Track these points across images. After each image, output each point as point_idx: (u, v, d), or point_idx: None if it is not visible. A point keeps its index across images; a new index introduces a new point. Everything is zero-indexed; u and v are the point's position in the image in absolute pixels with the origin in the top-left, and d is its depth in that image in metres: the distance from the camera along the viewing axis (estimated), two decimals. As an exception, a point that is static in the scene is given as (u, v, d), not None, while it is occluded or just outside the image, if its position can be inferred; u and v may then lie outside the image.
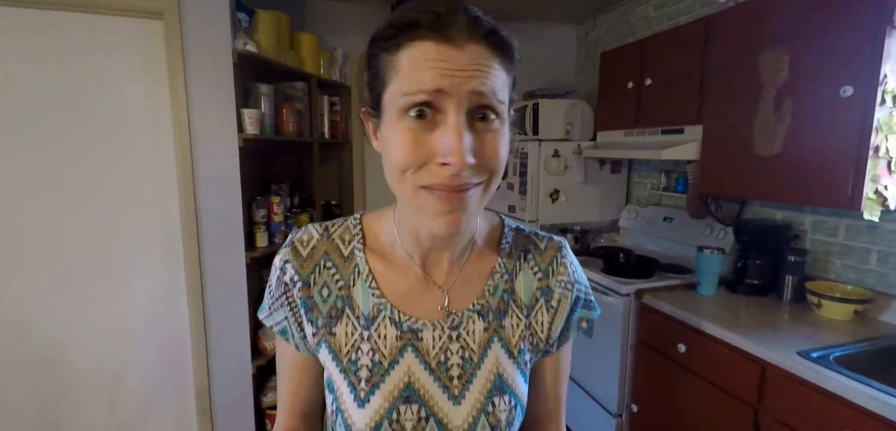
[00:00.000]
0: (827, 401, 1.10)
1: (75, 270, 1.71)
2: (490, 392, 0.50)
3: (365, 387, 0.48)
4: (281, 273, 0.52)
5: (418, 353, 0.50)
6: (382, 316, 0.51)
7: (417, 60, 0.39)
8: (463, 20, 0.40)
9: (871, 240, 1.48)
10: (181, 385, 1.89)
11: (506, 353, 0.52)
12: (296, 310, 0.52)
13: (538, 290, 0.55)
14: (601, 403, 1.88)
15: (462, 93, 0.39)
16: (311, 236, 0.54)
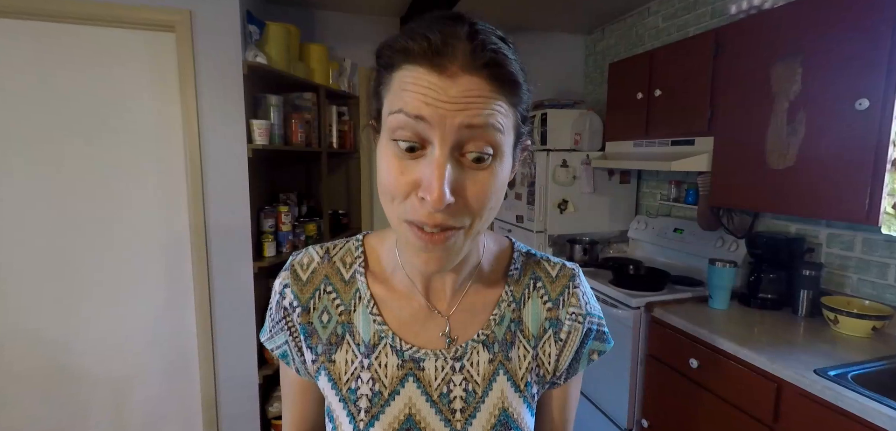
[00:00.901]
0: (846, 422, 1.07)
1: (83, 279, 1.74)
2: (494, 428, 0.48)
3: (364, 418, 0.47)
4: (280, 297, 0.51)
5: (420, 384, 0.48)
6: (383, 344, 0.49)
7: (405, 83, 0.37)
8: (461, 48, 0.36)
9: (889, 254, 1.45)
10: (188, 394, 1.89)
11: (512, 386, 0.49)
12: (295, 335, 0.51)
13: (547, 321, 0.52)
14: (611, 417, 1.85)
15: (448, 126, 0.36)
16: (312, 259, 0.52)
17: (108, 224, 1.73)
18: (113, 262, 1.75)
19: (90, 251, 1.73)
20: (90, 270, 1.74)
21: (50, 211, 1.67)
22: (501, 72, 0.38)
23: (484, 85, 0.37)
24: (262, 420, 1.98)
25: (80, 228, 1.71)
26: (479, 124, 0.37)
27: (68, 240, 1.70)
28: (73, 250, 1.71)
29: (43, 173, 1.65)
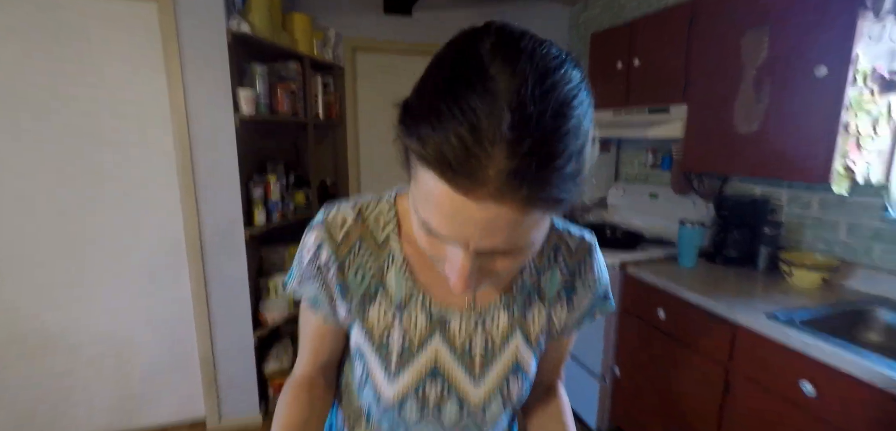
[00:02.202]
0: (788, 356, 1.20)
1: (77, 249, 1.76)
2: (507, 375, 0.54)
3: (395, 366, 0.52)
4: (314, 254, 0.52)
5: (445, 339, 0.53)
6: (414, 303, 0.52)
7: (430, 194, 0.35)
8: (494, 168, 0.31)
9: (841, 213, 1.57)
10: (187, 357, 1.96)
11: (525, 342, 0.55)
12: (329, 290, 0.53)
13: (563, 288, 0.56)
14: (587, 367, 1.99)
15: (473, 244, 0.36)
16: (346, 219, 0.52)
17: (100, 196, 1.75)
18: (105, 232, 1.78)
19: (82, 222, 1.74)
20: (83, 241, 1.76)
21: (40, 186, 1.68)
22: (543, 194, 0.33)
23: (517, 208, 0.33)
24: (259, 378, 2.07)
25: (72, 201, 1.72)
26: (504, 248, 0.36)
27: (60, 213, 1.72)
28: (66, 222, 1.73)
29: (29, 144, 1.64)
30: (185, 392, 2.01)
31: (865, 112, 1.33)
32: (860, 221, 1.51)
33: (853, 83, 1.29)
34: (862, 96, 1.31)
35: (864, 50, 1.28)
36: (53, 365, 1.83)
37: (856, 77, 1.29)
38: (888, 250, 1.45)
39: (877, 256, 1.47)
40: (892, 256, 1.44)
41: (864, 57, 1.28)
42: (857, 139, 1.35)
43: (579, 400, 2.07)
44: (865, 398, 1.05)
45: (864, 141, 1.35)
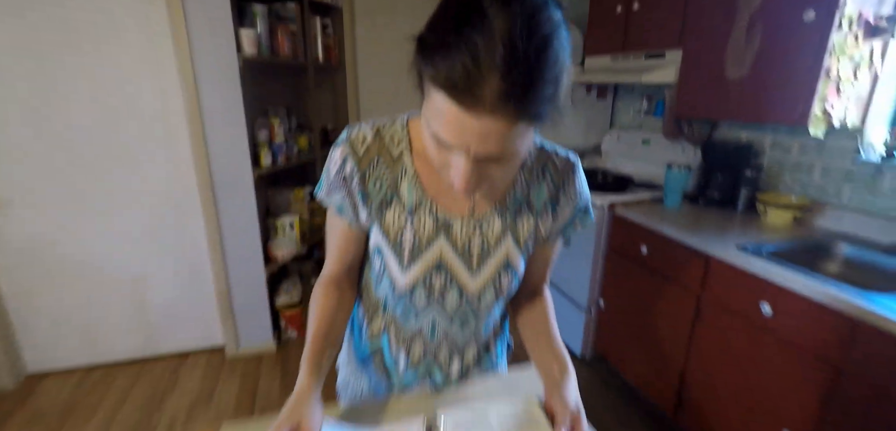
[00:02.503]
0: (751, 282, 1.34)
1: (96, 188, 1.86)
2: (499, 269, 0.64)
3: (407, 260, 0.62)
4: (340, 167, 0.61)
5: (449, 239, 0.62)
6: (423, 209, 0.61)
7: (439, 110, 0.44)
8: (490, 88, 0.40)
9: (817, 156, 1.66)
10: (203, 291, 2.11)
11: (515, 245, 0.65)
12: (353, 197, 0.61)
13: (549, 200, 0.66)
14: (574, 301, 2.16)
15: (471, 150, 0.45)
16: (366, 137, 0.61)
17: (114, 135, 1.82)
18: (121, 170, 1.86)
19: (98, 161, 1.83)
20: (100, 178, 1.85)
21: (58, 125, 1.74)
22: (528, 111, 0.42)
23: (504, 124, 0.42)
24: (271, 311, 2.23)
25: (87, 139, 1.80)
26: (496, 153, 0.45)
27: (77, 151, 1.80)
28: (83, 160, 1.81)
29: (42, 90, 1.69)
30: (204, 322, 2.18)
31: (848, 57, 1.39)
32: (834, 164, 1.61)
33: (838, 28, 1.34)
34: (846, 41, 1.36)
35: (852, -6, 1.32)
36: (80, 295, 1.97)
37: (841, 22, 1.34)
38: (856, 190, 1.55)
39: (845, 197, 1.59)
40: (860, 196, 1.55)
41: (852, 2, 1.32)
42: (837, 83, 1.41)
43: (566, 331, 2.26)
44: (814, 314, 1.19)
45: (845, 85, 1.42)
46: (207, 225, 1.98)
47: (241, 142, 1.91)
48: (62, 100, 1.73)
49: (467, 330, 0.70)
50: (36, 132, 1.74)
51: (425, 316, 0.68)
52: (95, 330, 2.05)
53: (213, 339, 2.23)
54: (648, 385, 1.84)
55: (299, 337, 2.39)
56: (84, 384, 2.02)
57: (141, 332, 2.11)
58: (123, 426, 1.78)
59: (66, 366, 2.08)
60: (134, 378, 2.06)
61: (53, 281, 1.92)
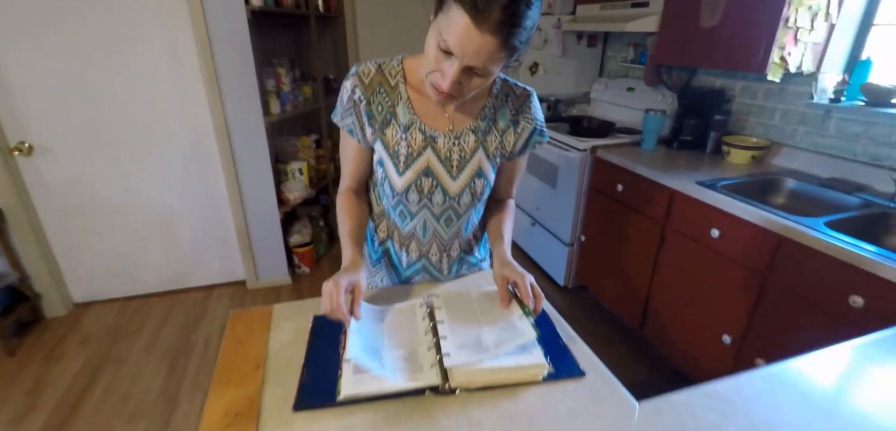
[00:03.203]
0: (705, 211, 1.56)
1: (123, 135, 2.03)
2: (473, 175, 0.83)
3: (402, 166, 0.80)
4: (351, 93, 0.78)
5: (434, 150, 0.81)
6: (414, 127, 0.80)
7: (454, 24, 0.61)
8: (496, 16, 0.58)
9: (779, 102, 1.84)
10: (224, 226, 2.34)
11: (485, 156, 0.83)
12: (360, 118, 0.79)
13: (511, 122, 0.84)
14: (558, 236, 2.40)
15: (465, 60, 0.63)
16: (370, 70, 0.79)
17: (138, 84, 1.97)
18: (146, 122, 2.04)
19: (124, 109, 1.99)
20: (129, 129, 2.02)
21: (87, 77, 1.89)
22: (513, 41, 0.61)
23: (496, 44, 0.60)
24: (286, 249, 2.47)
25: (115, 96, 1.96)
26: (479, 65, 0.64)
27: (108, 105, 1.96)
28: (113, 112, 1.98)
29: (76, 48, 1.84)
30: (226, 258, 2.43)
31: (806, 7, 1.53)
32: (792, 108, 1.79)
33: (798, -20, 1.47)
34: (804, -8, 1.50)
35: (812, -52, 1.44)
36: (117, 233, 2.20)
37: (801, -26, 1.47)
38: (809, 132, 1.75)
39: (799, 137, 1.78)
40: (811, 137, 1.74)
41: (811, -45, 1.45)
42: (795, 32, 1.57)
43: (550, 264, 2.52)
44: (750, 235, 1.42)
45: (802, 34, 1.57)
46: (225, 169, 2.17)
47: (252, 91, 2.06)
48: (89, 59, 1.86)
49: (451, 229, 0.91)
50: (72, 86, 1.89)
51: (418, 217, 0.88)
52: (132, 265, 2.29)
53: (235, 274, 2.48)
54: (620, 306, 2.12)
55: (311, 272, 2.65)
56: (125, 312, 2.29)
57: (172, 267, 2.36)
58: (166, 344, 2.07)
59: (107, 297, 2.34)
60: (168, 307, 2.33)
61: (93, 220, 2.14)
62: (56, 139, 1.96)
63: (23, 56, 1.81)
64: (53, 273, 2.17)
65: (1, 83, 1.82)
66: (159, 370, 1.91)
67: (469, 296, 0.84)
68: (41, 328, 2.16)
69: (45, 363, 1.94)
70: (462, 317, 0.76)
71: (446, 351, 0.67)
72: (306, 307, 0.85)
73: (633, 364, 1.97)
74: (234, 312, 0.84)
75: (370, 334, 0.73)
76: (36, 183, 2.01)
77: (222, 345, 0.76)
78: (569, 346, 0.75)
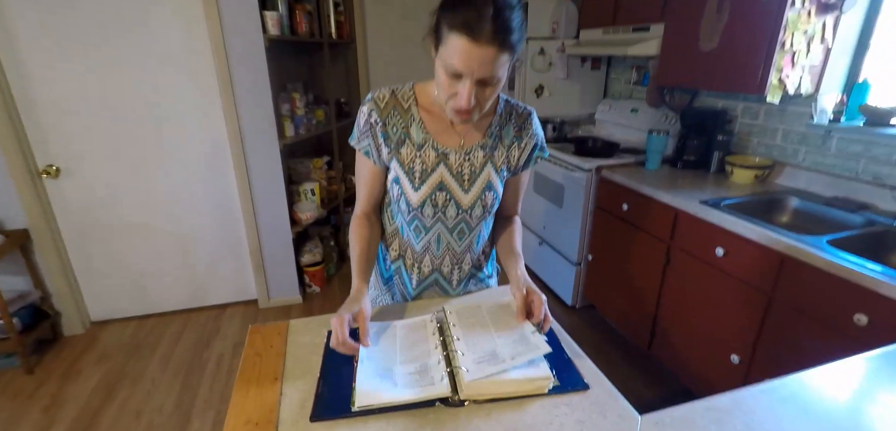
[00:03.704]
0: (710, 230, 1.58)
1: (146, 162, 2.13)
2: (484, 189, 0.89)
3: (418, 182, 0.86)
4: (368, 116, 0.85)
5: (447, 166, 0.87)
6: (427, 145, 0.86)
7: (455, 49, 0.68)
8: (487, 28, 0.65)
9: (779, 121, 1.87)
10: (239, 246, 2.40)
11: (493, 170, 0.89)
12: (376, 139, 0.86)
13: (515, 138, 0.91)
14: (565, 255, 2.42)
15: (475, 74, 0.69)
16: (385, 95, 0.86)
17: (158, 108, 2.07)
18: (165, 143, 2.13)
19: (143, 137, 2.09)
20: (148, 151, 2.12)
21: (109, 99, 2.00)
22: (509, 44, 0.68)
23: (497, 51, 0.68)
24: (297, 268, 2.52)
25: (136, 119, 2.05)
26: (489, 75, 0.70)
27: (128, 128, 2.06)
28: (134, 134, 2.08)
29: (98, 74, 1.95)
30: (240, 277, 2.48)
31: (801, 31, 1.58)
32: (792, 128, 1.82)
33: (792, 5, 1.53)
34: (799, 17, 1.55)
35: (806, -24, 1.50)
36: (134, 253, 2.27)
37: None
38: (810, 151, 1.77)
39: (801, 157, 1.80)
40: (812, 156, 1.76)
41: (805, -18, 1.50)
42: (792, 55, 1.61)
43: (558, 283, 2.54)
44: (754, 253, 1.44)
45: (798, 57, 1.62)
46: (241, 190, 2.25)
47: (268, 115, 2.15)
48: (115, 82, 1.97)
49: (464, 242, 0.95)
50: (94, 111, 1.99)
51: (433, 231, 0.93)
52: (149, 284, 2.36)
53: (247, 293, 2.54)
54: (628, 325, 2.12)
55: (322, 291, 2.70)
56: (141, 330, 2.34)
57: (187, 286, 2.42)
58: (180, 361, 2.11)
59: (123, 315, 2.40)
60: (182, 325, 2.38)
61: (113, 240, 2.22)
62: (82, 162, 2.06)
63: (55, 82, 1.92)
64: (73, 291, 2.24)
65: (33, 108, 1.93)
66: (173, 387, 1.95)
67: (479, 309, 0.87)
68: (59, 346, 2.22)
69: (62, 380, 1.99)
70: (476, 330, 0.80)
71: (465, 366, 0.70)
72: (321, 322, 0.90)
73: (642, 383, 1.97)
74: (253, 326, 0.89)
75: (382, 354, 0.76)
76: (60, 203, 2.10)
77: (242, 357, 0.80)
78: (573, 360, 0.77)
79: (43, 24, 1.84)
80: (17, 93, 1.89)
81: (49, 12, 1.83)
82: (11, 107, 1.89)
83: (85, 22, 1.87)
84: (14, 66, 1.86)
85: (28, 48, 1.85)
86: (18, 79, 1.88)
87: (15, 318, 1.97)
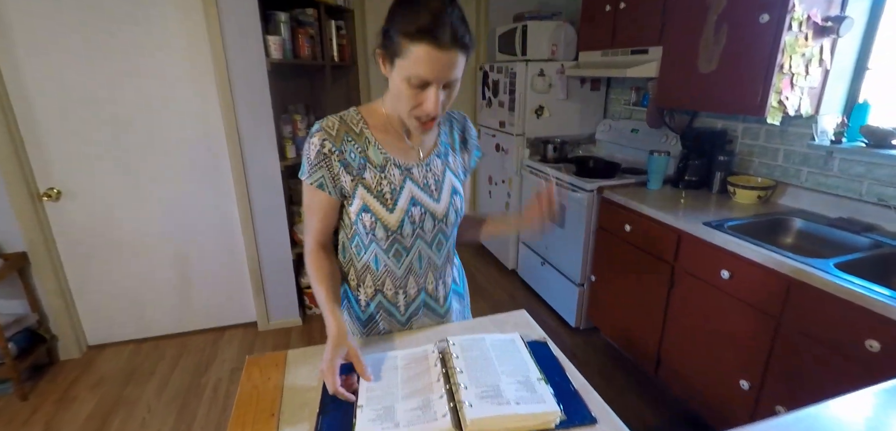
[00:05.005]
0: (714, 252, 1.57)
1: (144, 178, 2.12)
2: (451, 194, 0.90)
3: (390, 203, 0.84)
4: (320, 147, 0.80)
5: (413, 181, 0.86)
6: (389, 164, 0.84)
7: (419, 58, 0.68)
8: (448, 33, 0.68)
9: (780, 142, 1.87)
10: (238, 268, 2.38)
11: (452, 174, 0.92)
12: (333, 169, 0.81)
13: (459, 141, 0.96)
14: (568, 276, 2.39)
15: (440, 80, 0.71)
16: (334, 123, 0.82)
17: (158, 138, 2.08)
18: (165, 167, 2.13)
19: (145, 160, 2.09)
20: (147, 175, 2.12)
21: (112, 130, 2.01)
22: (466, 43, 0.71)
23: (457, 53, 0.70)
24: (297, 290, 2.50)
25: (136, 142, 2.06)
26: (452, 76, 0.72)
27: (128, 151, 2.07)
28: (133, 158, 2.08)
29: (101, 97, 1.96)
30: (239, 299, 2.46)
31: (799, 54, 1.59)
32: (793, 149, 1.82)
33: (789, 29, 1.54)
34: (797, 40, 1.57)
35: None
36: (132, 277, 2.25)
37: (792, 23, 1.54)
38: (813, 172, 1.77)
39: (803, 177, 1.80)
40: (815, 177, 1.76)
41: (800, 5, 1.52)
42: (791, 78, 1.62)
43: (561, 304, 2.50)
44: (760, 276, 1.42)
45: (797, 79, 1.63)
46: (241, 211, 2.24)
47: (269, 137, 2.16)
48: (117, 105, 1.99)
49: (442, 253, 0.94)
50: (97, 133, 2.00)
51: (413, 250, 0.90)
52: (145, 308, 2.33)
53: (246, 315, 2.51)
54: (633, 347, 2.08)
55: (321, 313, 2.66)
56: (137, 354, 2.31)
57: (185, 308, 2.39)
58: (176, 387, 2.07)
59: (120, 339, 2.37)
60: (180, 348, 2.35)
61: (108, 264, 2.20)
62: (83, 184, 2.06)
63: (58, 105, 1.93)
64: (71, 315, 2.21)
65: (35, 130, 1.94)
66: (169, 413, 1.90)
67: (483, 342, 0.85)
68: (55, 370, 2.18)
69: (56, 406, 1.95)
70: (479, 364, 0.78)
71: (467, 401, 0.68)
72: (319, 352, 0.87)
73: (648, 409, 1.92)
74: (250, 358, 0.87)
75: (383, 389, 0.74)
76: (60, 226, 2.10)
77: (238, 391, 0.78)
78: (580, 393, 0.75)
79: (48, 47, 1.86)
80: (19, 115, 1.91)
81: (55, 36, 1.85)
82: (14, 130, 1.90)
83: (90, 44, 1.89)
84: (18, 89, 1.88)
85: (33, 72, 1.87)
86: (21, 102, 1.90)
87: (11, 343, 1.94)
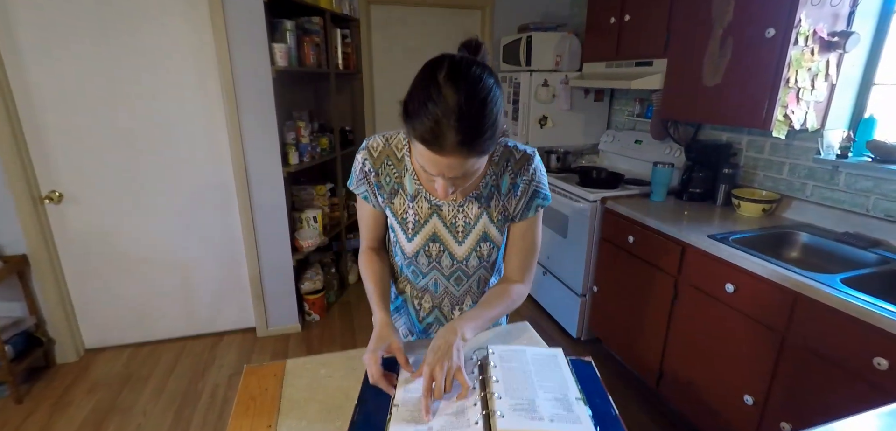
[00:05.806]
0: (719, 265, 1.55)
1: (146, 188, 2.13)
2: (479, 240, 0.86)
3: (411, 232, 0.86)
4: (363, 165, 0.84)
5: (440, 217, 0.85)
6: (420, 196, 0.84)
7: (422, 153, 0.66)
8: (450, 139, 0.61)
9: (785, 156, 1.86)
10: (239, 276, 2.37)
11: (489, 220, 0.86)
12: (372, 187, 0.85)
13: (512, 186, 0.85)
14: (570, 287, 2.37)
15: (446, 175, 0.67)
16: (379, 144, 0.83)
17: (162, 143, 2.08)
18: (168, 173, 2.13)
19: (149, 165, 2.09)
20: (150, 179, 2.12)
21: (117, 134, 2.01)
22: (479, 147, 0.64)
23: (462, 159, 0.64)
24: (297, 295, 2.48)
25: (140, 147, 2.06)
26: (460, 174, 0.67)
27: (132, 156, 2.07)
28: (136, 163, 2.08)
29: (108, 103, 1.97)
30: (238, 305, 2.44)
31: (805, 68, 1.59)
32: (799, 162, 1.81)
33: (795, 44, 1.54)
34: (803, 55, 1.56)
35: (807, 14, 1.51)
36: (132, 280, 2.24)
37: (798, 37, 1.53)
38: (818, 186, 1.75)
39: (808, 191, 1.78)
40: (820, 191, 1.74)
41: (807, 20, 1.52)
42: (797, 92, 1.61)
43: (563, 314, 2.48)
44: (765, 291, 1.40)
45: (803, 93, 1.62)
46: (243, 217, 2.23)
47: (273, 144, 2.16)
48: (121, 111, 1.99)
49: (462, 287, 0.94)
50: (100, 138, 2.01)
51: (429, 276, 0.92)
52: (144, 311, 2.32)
53: (245, 321, 2.49)
54: (635, 359, 2.06)
55: (321, 320, 2.65)
56: (134, 359, 2.29)
57: (184, 314, 2.38)
58: (173, 392, 2.05)
59: (118, 343, 2.36)
60: (177, 353, 2.33)
61: (109, 267, 2.20)
62: (85, 187, 2.06)
63: (63, 109, 1.94)
64: (69, 318, 2.20)
65: (38, 132, 1.95)
66: (165, 419, 1.88)
67: (524, 354, 0.82)
68: (51, 374, 2.17)
69: (52, 410, 1.93)
70: (517, 376, 0.76)
71: (500, 410, 0.67)
72: (318, 361, 0.86)
73: (649, 423, 1.89)
74: (248, 367, 0.85)
75: (419, 392, 0.73)
76: (61, 229, 2.09)
77: (235, 401, 0.76)
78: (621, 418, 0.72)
79: (55, 51, 1.87)
80: (23, 117, 1.91)
81: (61, 40, 1.86)
82: (18, 132, 1.90)
83: (97, 50, 1.90)
84: (23, 92, 1.89)
85: (38, 74, 1.88)
86: (26, 104, 1.90)
87: (8, 345, 1.92)
